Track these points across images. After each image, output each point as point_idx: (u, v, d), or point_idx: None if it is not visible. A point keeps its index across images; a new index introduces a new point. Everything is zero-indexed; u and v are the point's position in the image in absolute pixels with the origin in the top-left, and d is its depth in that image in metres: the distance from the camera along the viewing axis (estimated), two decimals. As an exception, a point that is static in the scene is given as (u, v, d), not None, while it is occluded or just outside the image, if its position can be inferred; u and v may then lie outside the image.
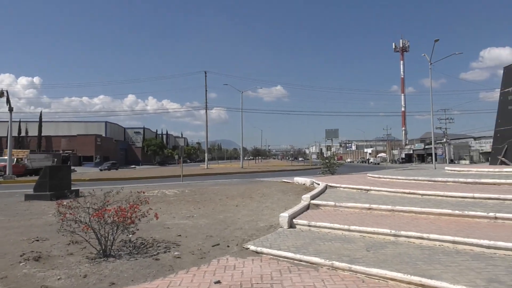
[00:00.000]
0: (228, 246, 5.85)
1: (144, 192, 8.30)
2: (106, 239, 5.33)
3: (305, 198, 8.45)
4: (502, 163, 12.47)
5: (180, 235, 6.65)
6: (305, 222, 6.75)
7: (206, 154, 53.02)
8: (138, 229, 5.94)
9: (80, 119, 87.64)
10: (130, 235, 6.03)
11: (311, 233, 6.38)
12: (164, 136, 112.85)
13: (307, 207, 8.10)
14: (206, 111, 50.90)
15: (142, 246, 5.91)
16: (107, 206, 5.59)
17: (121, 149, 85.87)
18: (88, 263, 5.02)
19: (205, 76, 50.17)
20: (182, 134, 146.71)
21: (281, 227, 6.86)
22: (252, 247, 5.63)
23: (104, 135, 78.50)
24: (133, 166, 73.90)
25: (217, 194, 12.91)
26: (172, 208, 9.98)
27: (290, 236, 6.21)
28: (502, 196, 6.99)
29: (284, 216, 6.89)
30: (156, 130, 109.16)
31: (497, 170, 10.81)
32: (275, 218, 7.65)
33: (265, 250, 5.43)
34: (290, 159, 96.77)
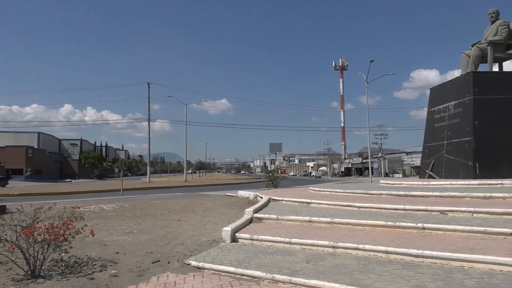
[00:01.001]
0: (169, 262, 5.71)
1: (79, 208, 7.87)
2: (36, 258, 4.97)
3: (248, 212, 8.50)
4: (430, 176, 13.44)
5: (118, 252, 6.38)
6: (247, 235, 6.79)
7: (148, 167, 51.51)
8: (71, 247, 5.61)
9: (9, 129, 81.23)
10: (63, 254, 5.68)
11: (254, 246, 6.43)
12: (104, 148, 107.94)
13: (250, 221, 8.15)
14: (149, 123, 49.68)
15: (76, 265, 5.58)
16: (37, 223, 5.22)
17: (55, 162, 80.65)
18: (13, 286, 4.64)
19: (148, 87, 49.10)
20: (123, 147, 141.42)
21: (223, 241, 6.83)
22: (193, 263, 5.54)
23: (36, 146, 73.37)
24: (69, 180, 69.70)
25: (159, 209, 12.57)
26: (110, 224, 9.54)
27: (233, 250, 6.20)
28: (429, 208, 7.53)
29: (227, 230, 6.88)
30: (95, 142, 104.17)
31: (425, 183, 11.65)
32: (218, 233, 7.61)
33: (207, 265, 5.37)
34: (232, 172, 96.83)
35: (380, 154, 71.97)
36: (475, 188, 9.74)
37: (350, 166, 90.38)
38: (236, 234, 6.93)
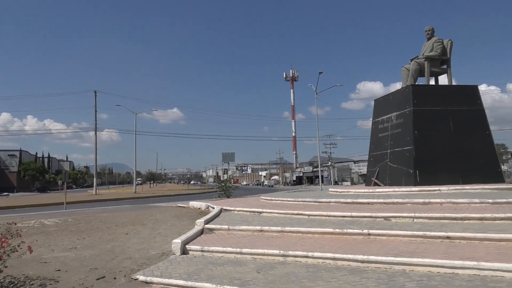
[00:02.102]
0: (115, 278, 5.47)
1: (16, 224, 7.35)
2: (-36, 280, 4.57)
3: (199, 223, 8.39)
4: (375, 184, 14.05)
5: (59, 270, 6.02)
6: (198, 247, 6.69)
7: (95, 179, 49.30)
8: (6, 266, 5.22)
9: None
10: (-4, 274, 5.26)
11: (204, 258, 6.34)
12: (46, 159, 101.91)
13: (201, 232, 8.04)
14: (96, 133, 47.69)
15: (12, 285, 5.19)
16: (-34, 241, 4.81)
17: (-10, 174, 74.94)
18: None
19: (95, 95, 47.22)
20: (67, 157, 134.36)
21: (173, 254, 6.68)
22: (141, 277, 5.36)
23: (-32, 157, 67.76)
24: (6, 193, 64.87)
25: (105, 222, 12.04)
26: (52, 240, 9.00)
27: (183, 262, 6.08)
28: (374, 214, 7.86)
29: (177, 242, 6.73)
30: (36, 153, 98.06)
31: (371, 190, 12.16)
32: (167, 245, 7.42)
33: (155, 279, 5.22)
34: (182, 182, 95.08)
35: (329, 163, 74.20)
36: (416, 194, 10.30)
37: (301, 175, 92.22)
38: (187, 246, 6.80)
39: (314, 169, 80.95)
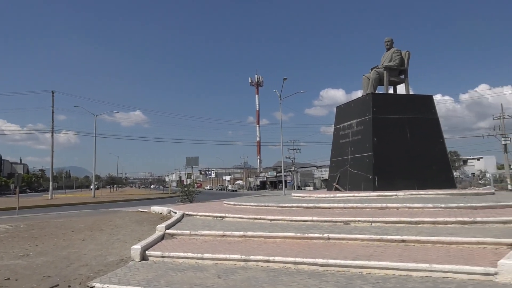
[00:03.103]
0: (69, 286, 5.26)
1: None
2: None
3: (160, 228, 8.24)
4: (336, 189, 14.38)
5: (8, 278, 5.71)
6: (158, 253, 6.56)
7: (50, 183, 47.17)
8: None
9: None
10: None
11: (164, 264, 6.23)
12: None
13: (162, 237, 7.90)
14: (53, 134, 45.71)
15: (-46, 296, 4.87)
16: None
17: None
18: None
19: (52, 96, 45.30)
20: (21, 160, 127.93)
21: (132, 260, 6.51)
22: (97, 285, 5.18)
23: None
24: (-48, 197, 60.66)
25: (61, 228, 11.56)
26: (1, 247, 8.52)
27: (142, 269, 5.94)
28: (334, 219, 8.04)
29: (136, 248, 6.58)
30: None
31: (332, 195, 12.42)
32: (126, 251, 7.22)
33: (112, 286, 5.07)
34: (142, 186, 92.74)
35: (293, 168, 75.12)
36: (374, 199, 10.64)
37: (265, 179, 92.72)
38: (147, 252, 6.66)
39: (278, 174, 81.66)
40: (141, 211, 16.42)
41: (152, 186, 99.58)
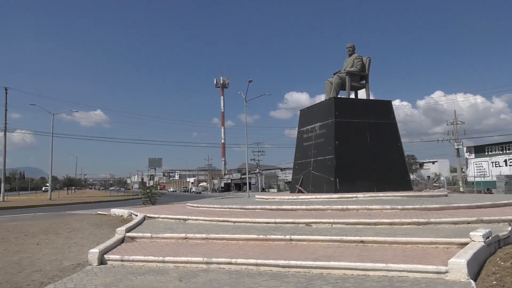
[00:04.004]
0: (21, 293, 5.01)
1: None
2: None
3: (120, 231, 8.03)
4: (299, 191, 14.60)
5: (-47, 287, 5.36)
6: (117, 257, 6.40)
7: (2, 184, 44.65)
8: None
9: None
10: None
11: (124, 268, 6.08)
12: None
13: (122, 241, 7.70)
14: (5, 133, 43.34)
15: None
16: None
17: None
18: None
19: (6, 92, 42.94)
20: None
21: (90, 264, 6.31)
22: (52, 291, 4.97)
23: None
24: None
25: (13, 232, 10.97)
26: None
27: (100, 273, 5.76)
28: (296, 220, 8.15)
29: (94, 252, 6.38)
30: None
31: (295, 197, 12.60)
32: (84, 255, 6.97)
33: (68, 292, 4.88)
34: (101, 188, 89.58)
35: (257, 170, 75.44)
36: (335, 201, 10.89)
37: (229, 181, 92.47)
38: (105, 255, 6.48)
39: (243, 176, 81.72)
40: (100, 214, 15.90)
41: (111, 188, 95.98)
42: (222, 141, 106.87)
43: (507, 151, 40.96)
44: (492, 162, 42.09)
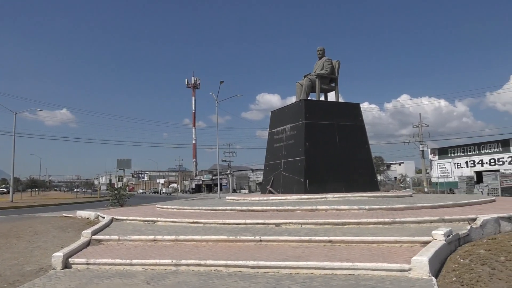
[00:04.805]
0: (-22, 300, 4.79)
1: None
2: None
3: (86, 234, 7.81)
4: (270, 192, 14.69)
5: None
6: (83, 260, 6.23)
7: (-40, 186, 42.45)
8: None
9: None
10: None
11: (90, 271, 5.92)
12: None
13: (88, 244, 7.49)
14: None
15: None
16: None
17: None
18: None
19: (-34, 89, 40.92)
20: None
21: (53, 268, 6.11)
22: (12, 297, 4.78)
23: None
24: None
25: (-29, 236, 10.45)
26: None
27: (64, 278, 5.59)
28: (266, 221, 8.20)
29: (58, 256, 6.18)
30: None
31: (265, 198, 12.67)
32: (47, 259, 6.74)
33: (29, 298, 4.71)
34: (66, 190, 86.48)
35: (229, 171, 75.26)
36: (305, 202, 11.03)
37: (200, 183, 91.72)
38: (70, 259, 6.29)
39: (214, 177, 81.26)
40: (65, 216, 15.39)
41: (76, 190, 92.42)
42: (193, 142, 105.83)
43: (468, 153, 42.84)
44: (455, 164, 43.91)
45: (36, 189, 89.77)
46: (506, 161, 38.57)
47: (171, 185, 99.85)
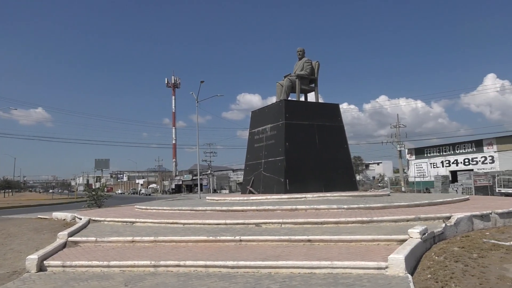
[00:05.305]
0: None
1: None
2: None
3: (62, 236, 7.64)
4: (250, 192, 14.71)
5: None
6: (59, 262, 6.09)
7: None
8: None
9: None
10: None
11: (65, 274, 5.80)
12: None
13: (64, 245, 7.33)
14: None
15: None
16: None
17: None
18: None
19: None
20: None
21: (28, 271, 5.95)
22: (-17, 302, 4.64)
23: None
24: None
25: None
26: None
27: (39, 281, 5.46)
28: (246, 221, 8.21)
29: (32, 258, 6.02)
30: None
31: (245, 198, 12.68)
32: (21, 262, 6.56)
33: (2, 302, 4.58)
34: (41, 191, 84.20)
35: (209, 171, 74.95)
36: (285, 201, 11.10)
37: (180, 183, 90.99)
38: (45, 262, 6.14)
39: (194, 177, 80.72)
40: (41, 218, 15.01)
41: (51, 191, 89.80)
42: (173, 141, 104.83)
43: (444, 153, 44.02)
44: (431, 163, 45.04)
45: (10, 190, 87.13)
46: (480, 161, 39.83)
47: (151, 186, 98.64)
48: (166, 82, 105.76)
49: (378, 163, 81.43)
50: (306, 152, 13.71)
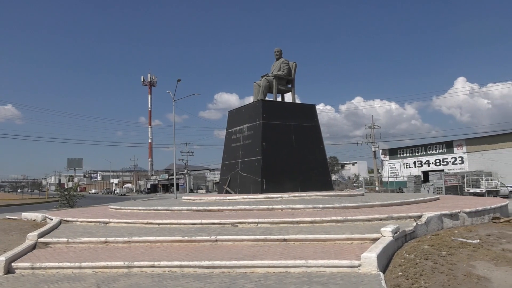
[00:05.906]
0: None
1: None
2: None
3: (31, 237, 7.42)
4: (227, 192, 14.67)
5: None
6: (27, 264, 5.91)
7: None
8: None
9: None
10: None
11: (35, 276, 5.63)
12: None
13: (34, 247, 7.12)
14: None
15: None
16: None
17: None
18: None
19: None
20: None
21: (-6, 274, 5.74)
22: None
23: None
24: None
25: None
26: None
27: (6, 283, 5.28)
28: (223, 221, 8.20)
29: (0, 260, 5.81)
30: None
31: (222, 198, 12.65)
32: (-13, 265, 6.32)
33: (-34, 306, 4.40)
34: (10, 191, 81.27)
35: (186, 171, 74.29)
36: (262, 201, 11.13)
37: (156, 182, 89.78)
38: (13, 263, 5.95)
39: (170, 177, 79.76)
40: (9, 219, 14.51)
41: (21, 190, 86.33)
42: (149, 141, 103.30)
43: (416, 154, 45.22)
44: (404, 164, 46.17)
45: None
46: (450, 161, 41.14)
47: (126, 185, 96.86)
48: (142, 80, 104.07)
49: (353, 163, 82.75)
50: (282, 152, 13.79)
